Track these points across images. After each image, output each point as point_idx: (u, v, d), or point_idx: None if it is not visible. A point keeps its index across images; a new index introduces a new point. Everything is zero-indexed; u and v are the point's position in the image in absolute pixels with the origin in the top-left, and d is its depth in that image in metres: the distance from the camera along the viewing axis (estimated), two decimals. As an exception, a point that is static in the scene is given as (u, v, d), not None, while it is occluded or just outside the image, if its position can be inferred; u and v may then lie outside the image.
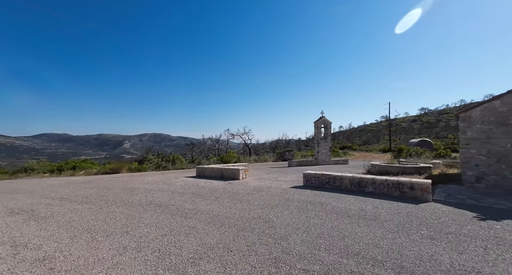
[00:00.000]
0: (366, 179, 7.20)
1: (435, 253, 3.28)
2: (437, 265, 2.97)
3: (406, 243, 3.62)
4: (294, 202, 6.10)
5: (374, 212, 5.15)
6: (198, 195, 7.04)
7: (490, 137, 7.49)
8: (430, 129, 55.96)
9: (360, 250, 3.38)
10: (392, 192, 6.69)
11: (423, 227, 4.28)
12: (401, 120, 70.37)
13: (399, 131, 58.57)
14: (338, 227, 4.30)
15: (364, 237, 3.84)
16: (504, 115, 7.26)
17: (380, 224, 4.46)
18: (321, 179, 8.06)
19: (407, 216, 4.90)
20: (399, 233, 4.01)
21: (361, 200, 6.22)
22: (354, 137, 67.04)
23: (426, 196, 6.15)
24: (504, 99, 7.24)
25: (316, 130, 18.22)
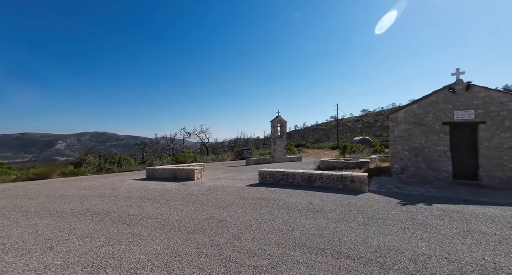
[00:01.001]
0: (315, 174, 7.78)
1: (367, 237, 3.75)
2: (368, 247, 3.39)
3: (345, 230, 4.04)
4: (248, 200, 6.17)
5: (321, 205, 5.59)
6: (146, 199, 6.49)
7: (410, 135, 8.96)
8: (370, 128, 64.14)
9: (306, 241, 3.62)
10: (337, 185, 7.39)
11: (359, 215, 4.84)
12: (347, 120, 78.73)
13: (345, 130, 65.44)
14: (288, 221, 4.52)
15: (310, 228, 4.13)
16: (420, 116, 8.78)
17: (325, 215, 4.86)
18: (275, 176, 8.37)
19: (347, 206, 5.47)
20: (340, 222, 4.45)
21: (310, 194, 6.68)
22: (308, 135, 71.99)
23: (363, 187, 6.99)
24: (420, 103, 8.76)
25: (272, 129, 18.88)
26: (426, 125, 8.67)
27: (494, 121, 7.62)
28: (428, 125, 8.64)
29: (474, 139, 8.01)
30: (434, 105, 8.54)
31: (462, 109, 8.05)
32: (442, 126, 8.40)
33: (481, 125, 7.79)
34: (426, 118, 8.69)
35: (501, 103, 7.50)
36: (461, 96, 8.05)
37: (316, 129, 79.42)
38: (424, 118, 8.72)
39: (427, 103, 8.64)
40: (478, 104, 7.82)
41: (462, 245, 3.42)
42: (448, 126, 8.32)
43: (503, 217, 4.53)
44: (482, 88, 7.74)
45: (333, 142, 44.96)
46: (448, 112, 8.30)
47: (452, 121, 8.23)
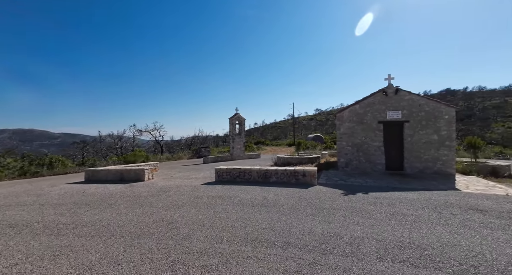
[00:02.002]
0: (271, 170, 8.04)
1: (313, 227, 4.04)
2: (313, 236, 3.66)
3: (295, 222, 4.27)
4: (203, 198, 6.00)
5: (275, 199, 5.80)
6: (83, 205, 5.70)
7: (353, 132, 10.03)
8: (322, 126, 69.68)
9: (258, 236, 3.70)
10: (290, 180, 7.78)
11: (308, 206, 5.19)
12: (303, 118, 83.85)
13: (301, 127, 69.62)
14: (242, 217, 4.55)
15: (263, 223, 4.24)
16: (361, 115, 9.90)
17: (278, 209, 5.06)
18: (232, 173, 8.34)
19: (298, 199, 5.81)
20: (291, 214, 4.69)
21: (265, 189, 6.87)
22: (267, 133, 74.12)
23: (313, 180, 7.53)
24: (361, 104, 9.86)
25: (231, 126, 18.77)
26: (366, 123, 9.83)
27: (415, 120, 9.11)
28: (367, 124, 9.81)
29: (401, 136, 9.44)
30: (372, 105, 9.72)
31: (392, 110, 9.39)
32: (377, 124, 9.64)
33: (406, 124, 9.23)
34: (365, 117, 9.84)
35: (420, 105, 9.01)
36: (392, 99, 9.38)
37: (274, 127, 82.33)
38: (364, 117, 9.86)
39: (366, 103, 9.79)
40: (404, 106, 9.23)
41: (388, 226, 3.98)
42: (382, 125, 9.59)
43: (418, 200, 5.45)
44: (406, 92, 9.16)
45: (290, 139, 47.31)
46: (382, 112, 9.56)
47: (385, 120, 9.53)
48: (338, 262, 2.91)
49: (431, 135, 8.93)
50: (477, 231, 3.73)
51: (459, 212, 4.61)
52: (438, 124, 8.84)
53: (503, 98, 55.30)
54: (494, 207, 4.91)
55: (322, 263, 2.88)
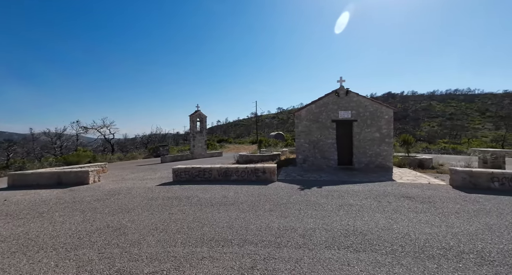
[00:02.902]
0: (231, 168, 8.00)
1: (270, 222, 4.15)
2: (269, 231, 3.76)
3: (253, 219, 4.33)
4: (158, 200, 5.62)
5: (235, 197, 5.78)
6: (2, 216, 4.75)
7: (310, 130, 10.66)
8: (284, 124, 72.43)
9: (215, 235, 3.63)
10: (251, 177, 7.87)
11: (267, 203, 5.32)
12: (265, 116, 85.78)
13: (264, 125, 71.18)
14: (200, 218, 4.41)
15: (221, 222, 4.18)
16: (317, 114, 10.57)
17: (237, 207, 5.06)
18: (191, 172, 8.02)
19: (258, 196, 5.91)
20: (250, 211, 4.73)
21: (226, 188, 6.80)
22: (230, 131, 73.66)
23: (273, 177, 7.76)
24: (317, 104, 10.53)
25: (191, 123, 18.03)
26: (321, 122, 10.54)
27: (362, 120, 10.15)
28: (322, 122, 10.53)
29: (350, 133, 10.41)
30: (326, 105, 10.47)
31: (343, 110, 10.28)
32: (331, 123, 10.44)
33: (355, 123, 10.22)
34: (321, 116, 10.55)
35: (365, 106, 10.08)
36: (343, 99, 10.26)
37: (238, 125, 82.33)
38: (320, 116, 10.57)
39: (321, 103, 10.50)
40: (352, 106, 10.19)
41: (337, 217, 4.35)
42: (335, 123, 10.42)
43: (362, 192, 6.10)
44: (355, 94, 10.13)
45: (253, 137, 47.94)
46: (335, 111, 10.38)
47: (338, 119, 10.37)
48: (291, 254, 3.04)
49: (374, 133, 10.07)
50: (405, 215, 4.36)
51: (393, 200, 5.31)
52: (379, 123, 10.02)
53: (429, 101, 66.08)
54: (419, 194, 5.80)
55: (276, 257, 2.97)
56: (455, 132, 42.79)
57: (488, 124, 47.63)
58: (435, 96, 72.60)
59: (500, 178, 6.20)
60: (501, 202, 5.09)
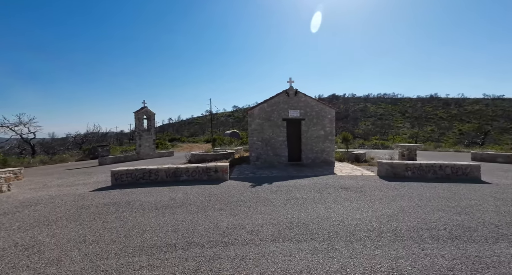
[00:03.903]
0: (181, 168, 7.58)
1: (219, 221, 4.09)
2: (217, 230, 3.69)
3: (201, 219, 4.18)
4: (91, 208, 4.91)
5: (183, 199, 5.49)
6: None
7: (263, 128, 10.95)
8: (239, 122, 72.73)
9: (157, 241, 3.36)
10: (202, 177, 7.62)
11: (217, 202, 5.22)
12: (221, 114, 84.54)
13: (219, 124, 70.08)
14: (141, 223, 4.03)
15: (165, 226, 3.91)
16: (269, 113, 10.93)
17: (185, 208, 4.81)
18: (134, 175, 7.28)
19: (209, 195, 5.75)
20: (198, 212, 4.56)
21: (174, 189, 6.41)
22: (183, 129, 70.07)
23: (225, 175, 7.68)
24: (268, 103, 10.88)
25: (137, 121, 16.38)
26: (273, 121, 10.94)
27: (309, 118, 10.96)
28: (274, 121, 10.94)
29: (299, 131, 11.11)
30: (277, 104, 10.91)
31: (293, 109, 10.89)
32: (282, 122, 10.94)
33: (303, 121, 10.95)
34: (272, 114, 10.95)
35: (312, 106, 10.92)
36: (292, 99, 10.87)
37: (191, 123, 78.86)
38: (271, 114, 10.95)
39: (273, 102, 10.89)
40: (301, 106, 10.90)
41: (284, 210, 4.57)
42: (286, 122, 10.97)
43: (308, 185, 6.59)
44: (303, 94, 10.86)
45: (208, 135, 46.70)
46: (285, 110, 10.92)
47: (288, 118, 10.94)
48: (237, 251, 3.05)
49: (320, 131, 11.01)
50: (342, 204, 4.88)
51: (333, 191, 5.89)
52: (324, 122, 11.00)
53: (365, 103, 76.16)
54: (354, 184, 6.59)
55: (222, 256, 2.93)
56: (384, 130, 50.48)
57: (407, 124, 57.78)
58: (369, 99, 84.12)
59: (412, 168, 7.56)
60: (412, 187, 6.20)
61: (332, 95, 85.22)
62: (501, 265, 2.61)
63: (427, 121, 58.59)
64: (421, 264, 2.64)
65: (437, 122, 57.80)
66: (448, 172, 7.47)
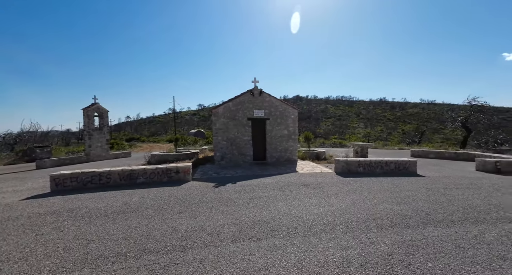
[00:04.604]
0: (138, 170, 7.01)
1: (178, 225, 3.88)
2: (176, 234, 3.50)
3: (158, 224, 3.91)
4: (20, 219, 4.18)
5: (139, 203, 5.08)
6: None
7: (228, 128, 10.83)
8: (205, 121, 70.81)
9: (104, 251, 3.03)
10: (162, 179, 7.17)
11: (177, 204, 4.96)
12: (185, 113, 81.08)
13: (184, 123, 67.15)
14: (85, 233, 3.58)
15: (115, 234, 3.55)
16: (234, 112, 10.85)
17: (141, 213, 4.45)
18: (80, 179, 6.46)
19: (168, 198, 5.43)
20: (155, 217, 4.26)
21: (128, 193, 5.89)
22: (143, 128, 65.28)
23: (187, 176, 7.36)
24: (233, 102, 10.81)
25: (86, 119, 14.60)
26: (238, 120, 10.90)
27: (273, 118, 11.22)
28: (239, 120, 10.91)
29: (264, 131, 11.30)
30: (242, 104, 10.91)
31: (257, 109, 11.02)
32: (247, 121, 10.97)
33: (267, 121, 11.17)
34: (237, 114, 10.90)
35: (276, 106, 11.21)
36: (257, 99, 10.99)
37: (153, 121, 73.88)
38: (236, 114, 10.90)
39: (238, 102, 10.85)
40: (265, 106, 11.09)
41: (246, 210, 4.57)
42: (251, 121, 11.03)
43: (271, 184, 6.73)
44: (267, 94, 11.07)
45: (171, 135, 44.35)
46: (250, 110, 10.98)
47: (253, 117, 11.02)
48: (196, 255, 2.93)
49: (283, 130, 11.36)
50: (302, 200, 5.11)
51: (294, 189, 6.13)
52: (287, 122, 11.39)
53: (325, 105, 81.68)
54: (313, 181, 6.97)
55: (179, 261, 2.78)
56: (342, 130, 54.83)
57: (361, 124, 63.79)
58: (330, 100, 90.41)
59: (363, 164, 8.34)
60: (363, 182, 6.83)
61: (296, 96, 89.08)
62: (428, 246, 3.03)
63: (378, 122, 65.52)
64: (367, 252, 2.91)
65: (385, 123, 65.06)
66: (392, 167, 8.44)
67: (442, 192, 5.77)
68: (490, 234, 3.40)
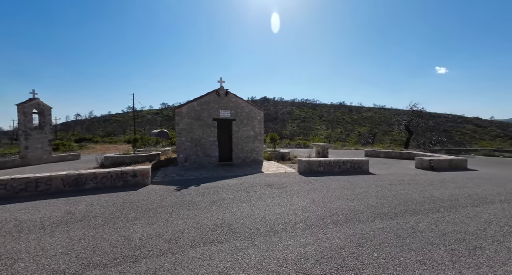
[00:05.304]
0: (86, 174, 6.26)
1: (131, 233, 3.56)
2: (128, 244, 3.20)
3: (108, 234, 3.53)
4: None
5: (86, 211, 4.53)
6: None
7: (192, 128, 10.43)
8: (169, 121, 67.24)
9: (36, 271, 2.60)
10: (116, 183, 6.54)
11: (132, 211, 4.56)
12: (146, 112, 75.80)
13: (145, 122, 62.70)
14: (11, 251, 3.04)
15: (52, 249, 3.08)
16: (199, 112, 10.51)
17: (87, 223, 3.97)
18: (10, 186, 5.49)
19: (122, 204, 4.96)
20: (105, 226, 3.84)
21: (74, 200, 5.21)
22: (97, 127, 59.05)
23: (146, 180, 6.85)
24: (198, 101, 10.47)
25: (22, 116, 12.50)
26: (203, 120, 10.58)
27: (240, 119, 11.20)
28: (204, 120, 10.60)
29: (230, 132, 11.19)
30: (208, 104, 10.63)
31: (223, 109, 10.86)
32: (212, 121, 10.73)
33: (233, 122, 11.09)
34: (203, 114, 10.58)
35: (242, 107, 11.21)
36: (223, 99, 10.84)
37: (109, 120, 67.27)
38: (201, 114, 10.57)
39: (203, 101, 10.54)
40: (231, 106, 11.00)
41: (209, 213, 4.43)
42: (216, 122, 10.82)
43: (236, 185, 6.68)
44: (233, 95, 11.00)
45: (130, 135, 40.97)
46: (216, 110, 10.76)
47: (219, 118, 10.82)
48: (150, 265, 2.71)
49: (250, 131, 11.42)
50: (265, 201, 5.17)
51: (259, 189, 6.18)
52: (253, 123, 11.48)
53: (291, 107, 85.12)
54: (277, 181, 7.14)
55: (129, 273, 2.54)
56: (306, 131, 57.68)
57: (323, 126, 68.11)
58: (295, 103, 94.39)
59: (323, 164, 8.87)
60: (323, 180, 7.25)
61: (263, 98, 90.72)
62: (374, 238, 3.35)
63: (338, 124, 70.71)
64: (323, 247, 3.07)
65: (344, 125, 70.58)
66: (348, 166, 9.16)
67: (389, 187, 6.46)
68: (423, 223, 3.91)
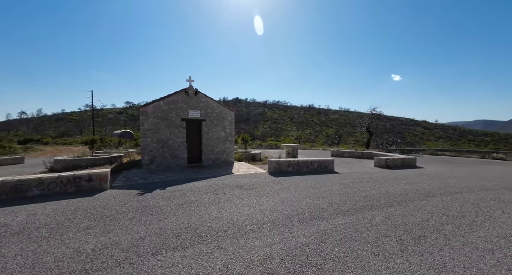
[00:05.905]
0: (29, 180, 5.48)
1: (83, 244, 3.19)
2: (78, 257, 2.86)
3: (53, 247, 3.12)
4: None
5: (26, 223, 3.95)
6: None
7: (158, 128, 9.88)
8: (134, 121, 62.86)
9: (-45, 297, 2.17)
10: (67, 189, 5.85)
11: (85, 219, 4.11)
12: (108, 111, 69.77)
13: (106, 122, 57.63)
14: None
15: (-21, 269, 2.61)
16: (166, 112, 10.00)
17: (27, 236, 3.46)
18: None
19: (73, 212, 4.44)
20: (50, 238, 3.39)
21: (12, 211, 4.52)
22: (49, 127, 52.55)
23: (104, 185, 6.26)
24: (165, 101, 9.96)
25: None
26: (170, 120, 10.10)
27: (210, 119, 10.95)
28: (171, 120, 10.12)
29: (200, 132, 10.87)
30: (176, 103, 10.18)
31: (193, 109, 10.51)
32: (181, 122, 10.30)
33: (203, 122, 10.80)
34: (170, 114, 10.09)
35: (213, 107, 10.99)
36: (192, 99, 10.49)
37: (63, 119, 60.24)
38: (169, 114, 10.08)
39: (170, 101, 10.06)
40: (201, 106, 10.71)
41: (174, 217, 4.21)
42: (185, 122, 10.42)
43: (205, 187, 6.49)
44: (203, 94, 10.72)
45: (89, 135, 37.24)
46: (185, 110, 10.37)
47: (187, 118, 10.44)
48: (103, 278, 2.46)
49: (220, 132, 11.24)
50: (234, 202, 5.12)
51: (228, 191, 6.09)
52: (224, 123, 11.33)
53: (263, 108, 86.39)
54: (247, 182, 7.13)
55: (77, 291, 2.27)
56: (277, 133, 59.02)
57: (294, 127, 70.49)
58: (267, 104, 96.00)
59: (292, 164, 9.14)
60: (291, 180, 7.46)
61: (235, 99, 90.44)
62: (336, 233, 3.53)
63: (307, 126, 73.75)
64: (288, 245, 3.13)
65: (313, 126, 73.90)
66: (316, 166, 9.58)
67: (351, 185, 6.91)
68: (379, 217, 4.26)
